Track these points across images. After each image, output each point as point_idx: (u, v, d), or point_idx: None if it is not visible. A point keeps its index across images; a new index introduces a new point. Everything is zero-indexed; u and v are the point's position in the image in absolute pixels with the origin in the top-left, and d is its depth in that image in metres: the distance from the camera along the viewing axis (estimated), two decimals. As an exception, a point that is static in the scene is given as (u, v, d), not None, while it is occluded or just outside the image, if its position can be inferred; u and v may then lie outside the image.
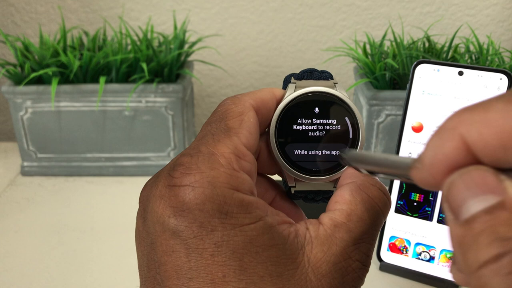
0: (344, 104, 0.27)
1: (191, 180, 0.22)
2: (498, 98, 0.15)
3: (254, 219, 0.22)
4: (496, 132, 0.15)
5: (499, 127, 0.15)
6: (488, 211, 0.15)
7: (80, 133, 0.73)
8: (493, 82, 0.51)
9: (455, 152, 0.16)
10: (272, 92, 0.27)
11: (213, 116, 0.25)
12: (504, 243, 0.14)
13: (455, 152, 0.16)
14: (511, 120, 0.14)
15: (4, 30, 0.88)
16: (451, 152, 0.16)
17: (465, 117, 0.16)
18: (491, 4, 0.89)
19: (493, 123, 0.15)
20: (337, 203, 0.24)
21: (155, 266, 0.22)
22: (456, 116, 0.16)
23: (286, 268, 0.21)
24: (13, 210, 0.67)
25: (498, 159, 0.15)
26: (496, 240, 0.14)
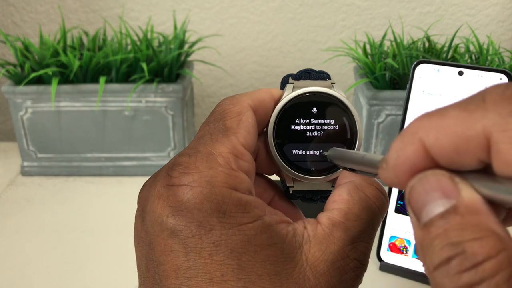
0: (342, 104, 0.27)
1: (189, 180, 0.22)
2: (454, 105, 0.16)
3: (252, 218, 0.22)
4: (450, 137, 0.16)
5: (453, 133, 0.16)
6: (442, 215, 0.16)
7: (80, 133, 0.73)
8: (493, 82, 0.51)
9: (415, 155, 0.17)
10: (270, 92, 0.27)
11: (211, 116, 0.25)
12: (453, 247, 0.15)
13: (415, 155, 0.17)
14: (462, 126, 0.16)
15: (4, 30, 0.88)
16: (411, 155, 0.17)
17: (424, 123, 0.17)
18: (491, 4, 0.89)
19: (448, 129, 0.16)
20: (335, 202, 0.24)
21: (153, 265, 0.22)
22: (417, 121, 0.17)
23: (284, 267, 0.22)
24: (13, 210, 0.67)
25: (453, 163, 0.16)
26: (448, 245, 0.15)
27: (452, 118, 0.16)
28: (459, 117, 0.16)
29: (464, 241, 0.15)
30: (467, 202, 0.16)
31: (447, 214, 0.16)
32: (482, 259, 0.15)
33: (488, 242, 0.15)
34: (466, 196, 0.16)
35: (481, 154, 0.15)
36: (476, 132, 0.15)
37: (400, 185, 0.18)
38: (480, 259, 0.15)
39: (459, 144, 0.16)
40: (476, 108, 0.16)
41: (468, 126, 0.15)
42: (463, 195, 0.16)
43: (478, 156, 0.16)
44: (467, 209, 0.16)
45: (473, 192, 0.16)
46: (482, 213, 0.16)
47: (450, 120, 0.16)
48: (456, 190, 0.16)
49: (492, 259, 0.14)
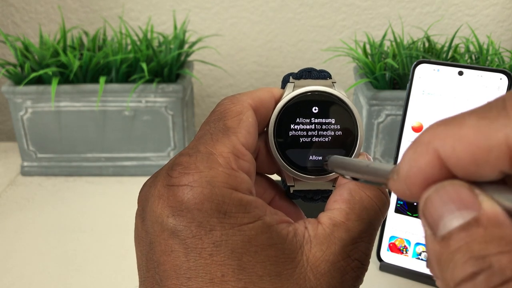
0: (343, 103, 0.27)
1: (190, 180, 0.22)
2: (471, 113, 0.15)
3: (252, 218, 0.22)
4: (468, 148, 0.15)
5: (471, 143, 0.15)
6: (463, 227, 0.15)
7: (80, 133, 0.73)
8: (493, 82, 0.51)
9: (430, 166, 0.16)
10: (271, 91, 0.27)
11: (211, 116, 0.25)
12: (478, 262, 0.14)
13: (430, 166, 0.16)
14: (482, 136, 0.15)
15: (4, 30, 0.88)
16: (425, 166, 0.16)
17: (439, 132, 0.16)
18: (491, 4, 0.89)
19: (466, 139, 0.15)
20: (336, 202, 0.24)
21: (154, 265, 0.22)
22: (431, 130, 0.16)
23: (285, 267, 0.21)
24: (13, 210, 0.67)
25: (471, 174, 0.15)
26: (471, 259, 0.14)
27: (471, 127, 0.15)
28: (478, 125, 0.15)
29: (490, 255, 0.14)
30: (489, 213, 0.15)
31: (469, 226, 0.15)
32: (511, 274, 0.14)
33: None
34: (488, 207, 0.15)
35: (503, 165, 0.15)
36: (497, 142, 0.14)
37: (412, 198, 0.17)
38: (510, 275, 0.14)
39: (479, 155, 0.15)
40: (497, 116, 0.15)
41: (488, 135, 0.15)
42: (484, 206, 0.15)
43: (500, 167, 0.15)
44: (490, 221, 0.15)
45: (494, 204, 0.15)
46: (506, 225, 0.15)
47: (468, 129, 0.15)
48: (476, 201, 0.15)
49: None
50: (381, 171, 0.20)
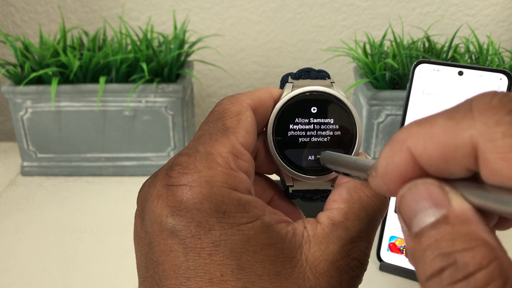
0: (341, 103, 0.27)
1: (189, 180, 0.22)
2: (442, 113, 0.16)
3: (251, 218, 0.22)
4: (438, 146, 0.16)
5: (440, 142, 0.16)
6: (433, 225, 0.16)
7: (80, 133, 0.73)
8: (493, 82, 0.51)
9: (404, 163, 0.17)
10: (270, 91, 0.27)
11: (210, 116, 0.25)
12: (445, 258, 0.15)
13: (404, 163, 0.17)
14: (449, 135, 0.16)
15: (4, 30, 0.88)
16: (400, 163, 0.17)
17: (413, 131, 0.17)
18: (491, 4, 0.89)
19: (435, 138, 0.16)
20: (335, 202, 0.24)
21: (153, 265, 0.22)
22: (406, 129, 0.17)
23: (284, 267, 0.21)
24: (13, 210, 0.67)
25: (442, 171, 0.16)
26: (439, 255, 0.15)
27: (440, 127, 0.16)
28: (446, 126, 0.16)
29: (455, 252, 0.15)
30: (457, 211, 0.16)
31: (438, 224, 0.16)
32: (473, 269, 0.15)
33: (479, 252, 0.15)
34: (456, 205, 0.16)
35: (469, 163, 0.15)
36: (463, 142, 0.15)
37: (390, 193, 0.18)
38: (471, 270, 0.15)
39: (447, 153, 0.16)
40: (463, 117, 0.16)
41: (455, 135, 0.16)
42: (453, 204, 0.16)
43: (466, 165, 0.16)
44: (458, 219, 0.16)
45: (463, 201, 0.16)
46: (473, 222, 0.16)
47: (437, 129, 0.16)
48: (446, 199, 0.16)
49: (484, 270, 0.15)
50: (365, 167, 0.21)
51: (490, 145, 0.15)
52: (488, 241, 0.15)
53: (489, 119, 0.15)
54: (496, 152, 0.14)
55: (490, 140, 0.15)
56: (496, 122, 0.15)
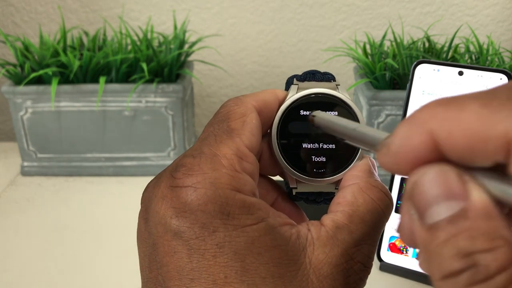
0: (346, 106, 0.27)
1: (193, 181, 0.22)
2: (474, 98, 0.15)
3: (256, 220, 0.22)
4: (467, 134, 0.15)
5: (471, 130, 0.15)
6: (451, 220, 0.15)
7: (80, 133, 0.73)
8: (493, 82, 0.51)
9: (423, 146, 0.16)
10: (275, 93, 0.27)
11: (215, 117, 0.25)
12: (465, 259, 0.14)
13: (423, 146, 0.16)
14: (482, 125, 0.14)
15: (4, 30, 0.88)
16: (418, 145, 0.16)
17: (437, 112, 0.15)
18: (491, 4, 0.89)
19: (464, 125, 0.15)
20: (339, 204, 0.24)
21: (156, 267, 0.22)
22: (429, 109, 0.16)
23: (288, 269, 0.21)
24: (13, 210, 0.67)
25: (465, 159, 0.15)
26: (458, 255, 0.14)
27: (472, 113, 0.15)
28: (479, 113, 0.14)
29: (475, 252, 0.14)
30: (477, 205, 0.15)
31: (456, 219, 0.15)
32: (494, 272, 0.14)
33: (501, 253, 0.14)
34: (476, 198, 0.15)
35: (499, 156, 0.14)
36: (497, 134, 0.14)
37: (399, 172, 0.17)
38: (492, 272, 0.14)
39: (476, 144, 0.15)
40: (500, 106, 0.14)
41: (489, 125, 0.14)
42: (472, 196, 0.15)
43: (495, 158, 0.15)
44: (477, 213, 0.15)
45: (483, 194, 0.15)
46: (493, 217, 0.15)
47: (468, 115, 0.15)
48: (465, 190, 0.15)
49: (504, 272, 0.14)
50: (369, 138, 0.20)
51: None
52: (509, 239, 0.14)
53: None
54: None
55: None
56: None
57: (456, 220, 0.15)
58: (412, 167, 0.16)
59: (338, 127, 0.23)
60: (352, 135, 0.21)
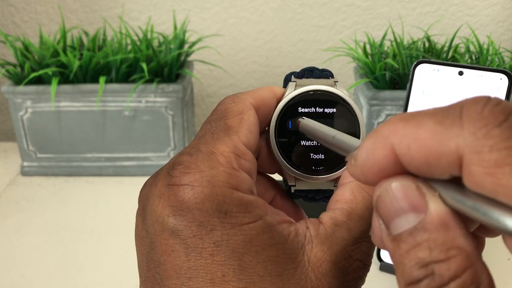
0: (344, 103, 0.27)
1: (190, 179, 0.22)
2: (430, 115, 0.16)
3: (253, 218, 0.22)
4: (422, 150, 0.16)
5: (426, 146, 0.16)
6: (410, 232, 0.16)
7: (80, 133, 0.73)
8: (493, 82, 0.51)
9: (385, 159, 0.17)
10: (272, 90, 0.27)
11: (212, 115, 0.25)
12: (423, 269, 0.15)
13: (385, 159, 0.17)
14: (435, 141, 0.15)
15: (4, 30, 0.88)
16: (381, 159, 0.17)
17: (398, 128, 0.16)
18: (491, 4, 0.89)
19: (421, 141, 0.16)
20: (338, 202, 0.24)
21: (154, 265, 0.22)
22: (391, 125, 0.17)
23: (286, 267, 0.21)
24: (13, 210, 0.67)
25: (423, 172, 0.16)
26: (417, 265, 0.16)
27: (427, 130, 0.16)
28: (433, 130, 0.16)
29: (432, 262, 0.15)
30: (435, 216, 0.16)
31: (416, 231, 0.16)
32: (448, 279, 0.15)
33: (455, 262, 0.15)
34: (434, 209, 0.16)
35: (453, 170, 0.15)
36: (449, 150, 0.15)
37: (366, 183, 0.18)
38: (446, 280, 0.15)
39: (431, 159, 0.16)
40: (452, 123, 0.15)
41: (441, 142, 0.15)
42: (430, 208, 0.16)
43: (450, 172, 0.15)
44: (435, 225, 0.16)
45: (440, 205, 0.16)
46: (450, 227, 0.16)
47: (424, 132, 0.16)
48: (423, 202, 0.16)
49: (458, 279, 0.15)
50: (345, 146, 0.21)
51: (476, 157, 0.14)
52: (464, 248, 0.15)
53: (478, 130, 0.15)
54: (481, 166, 0.14)
55: (477, 153, 0.14)
56: (485, 134, 0.14)
57: (415, 232, 0.16)
58: (378, 178, 0.17)
59: (319, 134, 0.24)
60: (331, 142, 0.23)
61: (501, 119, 0.14)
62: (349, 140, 0.21)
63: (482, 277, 0.15)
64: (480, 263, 0.15)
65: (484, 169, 0.14)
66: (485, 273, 0.15)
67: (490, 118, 0.15)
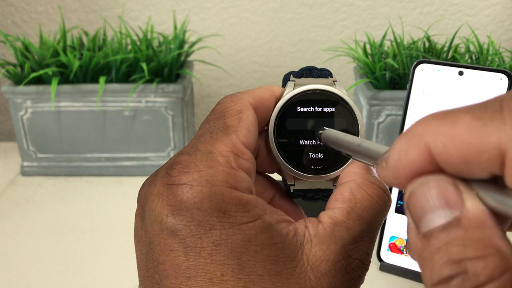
0: (343, 102, 0.27)
1: (189, 179, 0.22)
2: (467, 111, 0.15)
3: (252, 217, 0.22)
4: (460, 147, 0.15)
5: (464, 143, 0.15)
6: (444, 228, 0.15)
7: (80, 133, 0.73)
8: (493, 82, 0.51)
9: (419, 159, 0.16)
10: (271, 90, 0.27)
11: (211, 115, 0.25)
12: (455, 265, 0.14)
13: (419, 159, 0.16)
14: (474, 137, 0.15)
15: (4, 30, 0.88)
16: (415, 159, 0.16)
17: (432, 126, 0.16)
18: (491, 4, 0.89)
19: (458, 138, 0.15)
20: (337, 201, 0.24)
21: (153, 265, 0.22)
22: (424, 123, 0.16)
23: (285, 267, 0.21)
24: (13, 210, 0.67)
25: (461, 172, 0.15)
26: (449, 262, 0.15)
27: (464, 126, 0.15)
28: (472, 126, 0.15)
29: (466, 259, 0.14)
30: (471, 214, 0.15)
31: (449, 227, 0.15)
32: (484, 280, 0.14)
33: (492, 261, 0.14)
34: (471, 207, 0.15)
35: (493, 168, 0.14)
36: (490, 146, 0.14)
37: (399, 186, 0.17)
38: (482, 281, 0.14)
39: (470, 156, 0.15)
40: (492, 118, 0.14)
41: (481, 137, 0.14)
42: (467, 206, 0.15)
43: (490, 169, 0.15)
44: (471, 222, 0.15)
45: (478, 203, 0.15)
46: (487, 227, 0.15)
47: (461, 128, 0.15)
48: (460, 199, 0.15)
49: (495, 281, 0.14)
50: (372, 152, 0.20)
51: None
52: (502, 249, 0.14)
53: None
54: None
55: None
56: None
57: (449, 228, 0.15)
58: (411, 180, 0.16)
59: (343, 143, 0.24)
60: (357, 150, 0.22)
61: None
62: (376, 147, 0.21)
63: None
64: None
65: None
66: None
67: None
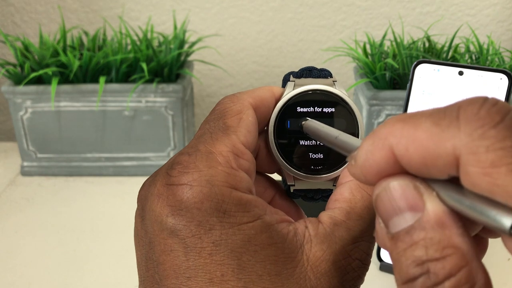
0: (343, 102, 0.27)
1: (189, 179, 0.22)
2: (428, 115, 0.16)
3: (252, 217, 0.22)
4: (420, 151, 0.16)
5: (423, 147, 0.16)
6: (408, 231, 0.16)
7: (80, 133, 0.73)
8: (493, 82, 0.51)
9: (384, 160, 0.17)
10: (271, 90, 0.27)
11: (211, 115, 0.25)
12: (419, 267, 0.16)
13: (384, 160, 0.17)
14: (432, 142, 0.16)
15: (4, 30, 0.88)
16: (380, 160, 0.17)
17: (396, 129, 0.17)
18: (491, 4, 0.89)
19: (419, 142, 0.16)
20: (337, 201, 0.24)
21: (153, 265, 0.22)
22: (389, 126, 0.17)
23: (285, 267, 0.21)
24: (13, 210, 0.67)
25: (422, 173, 0.16)
26: (413, 263, 0.16)
27: (424, 131, 0.16)
28: (431, 131, 0.16)
29: (427, 261, 0.16)
30: (432, 215, 0.16)
31: (412, 230, 0.16)
32: (442, 278, 0.15)
33: (450, 261, 0.15)
34: (431, 208, 0.16)
35: (450, 171, 0.16)
36: (446, 151, 0.15)
37: (366, 183, 0.18)
38: (440, 279, 0.15)
39: (429, 160, 0.16)
40: (448, 125, 0.15)
41: (438, 143, 0.15)
42: (427, 207, 0.16)
43: (447, 172, 0.16)
44: (431, 224, 0.16)
45: (438, 204, 0.16)
46: (447, 226, 0.16)
47: (422, 133, 0.16)
48: (421, 201, 0.16)
49: (452, 277, 0.15)
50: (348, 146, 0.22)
51: (472, 158, 0.15)
52: (460, 247, 0.15)
53: (474, 131, 0.15)
54: (478, 166, 0.14)
55: (473, 153, 0.15)
56: (481, 135, 0.15)
57: (412, 231, 0.16)
58: (377, 178, 0.18)
59: (322, 134, 0.24)
60: (334, 143, 0.23)
61: (497, 119, 0.15)
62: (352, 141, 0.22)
63: (478, 276, 0.15)
64: (476, 262, 0.15)
65: (480, 170, 0.14)
66: (481, 272, 0.15)
67: (487, 118, 0.15)
